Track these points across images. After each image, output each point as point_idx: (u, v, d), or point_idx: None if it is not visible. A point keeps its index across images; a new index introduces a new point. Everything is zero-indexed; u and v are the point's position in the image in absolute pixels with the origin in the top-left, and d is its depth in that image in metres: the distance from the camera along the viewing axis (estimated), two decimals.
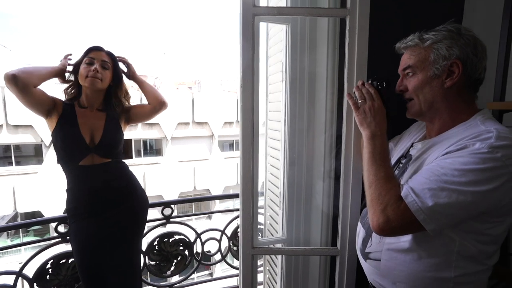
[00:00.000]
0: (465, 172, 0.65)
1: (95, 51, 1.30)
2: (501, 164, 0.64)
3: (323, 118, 1.30)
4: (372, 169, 0.78)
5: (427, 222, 0.66)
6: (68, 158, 1.27)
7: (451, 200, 0.64)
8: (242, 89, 1.15)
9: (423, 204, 0.66)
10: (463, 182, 0.64)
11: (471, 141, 0.68)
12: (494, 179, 0.64)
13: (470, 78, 0.76)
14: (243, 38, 1.12)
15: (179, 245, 1.74)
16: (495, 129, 0.68)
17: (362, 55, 1.05)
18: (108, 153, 1.32)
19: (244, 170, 1.20)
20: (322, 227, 1.37)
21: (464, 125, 0.76)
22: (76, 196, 1.30)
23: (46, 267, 1.45)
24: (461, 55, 0.75)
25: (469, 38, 0.75)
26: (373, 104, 0.84)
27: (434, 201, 0.65)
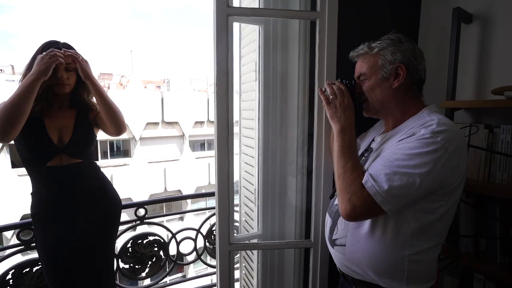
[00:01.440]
0: (413, 156, 0.74)
1: None
2: (440, 146, 0.73)
3: (295, 116, 1.36)
4: (341, 161, 0.85)
5: (384, 204, 0.74)
6: (35, 159, 1.20)
7: (403, 183, 0.73)
8: (217, 89, 1.17)
9: (380, 188, 0.74)
10: (411, 165, 0.73)
11: (418, 128, 0.78)
12: (436, 161, 0.73)
13: (413, 79, 0.88)
14: (217, 38, 1.13)
15: (153, 246, 1.72)
16: (437, 118, 0.79)
17: (331, 56, 1.12)
18: (79, 153, 1.27)
19: (220, 168, 1.22)
20: (296, 221, 1.42)
21: (413, 118, 0.87)
22: (44, 199, 1.23)
23: (7, 278, 1.36)
24: (403, 59, 0.86)
25: (408, 44, 0.87)
26: (343, 100, 0.91)
27: (388, 184, 0.73)
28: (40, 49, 1.18)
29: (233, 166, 1.31)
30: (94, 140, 1.36)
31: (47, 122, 1.21)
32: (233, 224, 1.37)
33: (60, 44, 1.22)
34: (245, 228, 1.69)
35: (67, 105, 1.29)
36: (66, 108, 1.28)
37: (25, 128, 1.14)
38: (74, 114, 1.29)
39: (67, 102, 1.29)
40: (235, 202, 1.80)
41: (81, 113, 1.31)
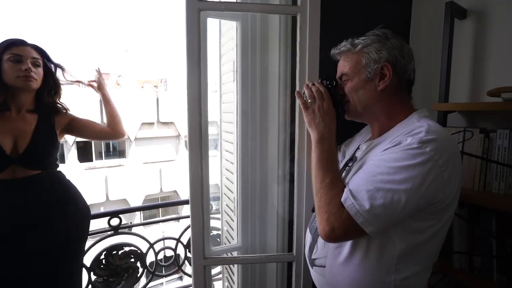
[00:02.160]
0: (398, 169, 0.64)
1: (20, 47, 1.09)
2: (430, 157, 0.63)
3: (276, 119, 1.26)
4: (319, 175, 0.75)
5: (366, 225, 0.64)
6: None
7: (387, 201, 0.63)
8: (188, 90, 1.07)
9: (360, 207, 0.64)
10: (396, 180, 0.64)
11: (405, 137, 0.68)
12: (424, 175, 0.63)
13: (401, 79, 0.78)
14: (188, 35, 1.04)
15: (129, 257, 1.61)
16: (426, 124, 0.69)
17: (314, 53, 1.03)
18: (36, 163, 1.13)
19: (193, 176, 1.12)
20: (278, 233, 1.32)
21: (401, 124, 0.77)
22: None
23: None
24: (389, 57, 0.76)
25: (395, 41, 0.78)
26: (322, 104, 0.81)
27: (370, 202, 0.64)
28: (3, 42, 1.08)
29: (208, 173, 1.21)
30: (56, 148, 1.23)
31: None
32: (208, 237, 1.27)
33: (26, 41, 1.12)
34: (227, 238, 1.59)
35: (29, 108, 1.16)
36: (26, 112, 1.16)
37: None
38: (36, 118, 1.16)
39: (29, 104, 1.16)
40: (218, 209, 1.72)
41: (44, 118, 1.18)
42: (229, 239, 1.53)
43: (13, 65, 1.07)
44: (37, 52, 1.15)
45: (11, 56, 1.07)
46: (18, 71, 1.07)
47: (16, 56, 1.08)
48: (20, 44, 1.10)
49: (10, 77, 1.07)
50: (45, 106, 1.18)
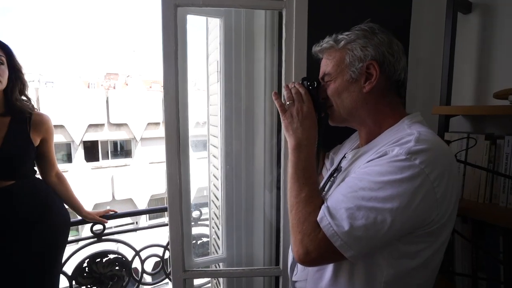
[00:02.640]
0: (382, 184, 0.55)
1: None
2: (419, 171, 0.54)
3: (262, 122, 1.17)
4: (294, 188, 0.66)
5: (344, 249, 0.55)
6: None
7: (369, 221, 0.54)
8: (165, 93, 1.00)
9: (338, 228, 0.55)
10: (380, 198, 0.54)
11: (391, 146, 0.59)
12: (413, 192, 0.54)
13: (389, 80, 0.68)
14: (164, 33, 0.97)
15: (114, 265, 1.55)
16: (417, 132, 0.59)
17: (301, 52, 0.95)
18: (8, 174, 1.06)
19: (170, 184, 1.05)
20: (265, 244, 1.24)
21: (390, 130, 0.68)
22: None
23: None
24: (376, 55, 0.67)
25: (383, 36, 0.68)
26: (301, 107, 0.72)
27: (350, 223, 0.55)
28: None
29: (188, 179, 1.15)
30: (32, 153, 1.15)
31: None
32: (190, 247, 1.20)
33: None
34: (215, 248, 1.51)
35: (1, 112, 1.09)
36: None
37: None
38: (7, 123, 1.09)
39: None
40: (207, 216, 1.65)
41: (17, 121, 1.11)
42: (217, 249, 1.45)
43: None
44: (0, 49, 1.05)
45: None
46: None
47: None
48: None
49: None
50: (16, 107, 1.10)
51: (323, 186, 0.80)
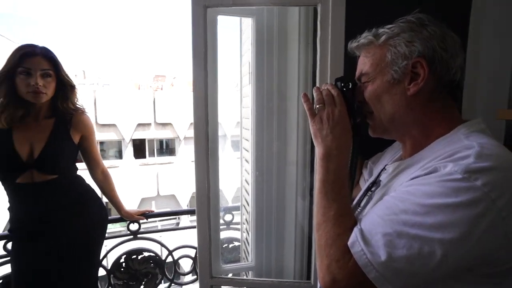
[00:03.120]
0: (431, 208, 0.45)
1: (29, 58, 1.07)
2: (481, 195, 0.43)
3: (295, 127, 1.10)
4: (321, 204, 0.58)
5: (380, 283, 0.46)
6: (3, 175, 1.12)
7: (412, 253, 0.45)
8: (194, 95, 0.98)
9: (373, 257, 0.46)
10: (427, 225, 0.45)
11: (443, 162, 0.49)
12: (473, 221, 0.43)
13: (441, 80, 0.57)
14: (194, 34, 0.95)
15: (149, 262, 1.59)
16: (478, 144, 0.48)
17: (337, 50, 0.87)
18: (51, 169, 1.15)
19: (199, 187, 1.03)
20: (296, 255, 1.17)
21: (442, 141, 0.56)
22: (17, 217, 1.16)
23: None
24: (425, 51, 0.56)
25: (435, 29, 0.57)
26: (333, 111, 0.63)
27: (388, 252, 0.45)
28: (13, 51, 1.09)
29: (217, 183, 1.12)
30: (73, 152, 1.24)
31: (16, 135, 1.11)
32: (218, 253, 1.17)
33: (36, 48, 1.12)
34: (245, 254, 1.47)
35: (46, 114, 1.18)
36: (44, 118, 1.17)
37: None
38: (52, 124, 1.18)
39: (45, 111, 1.18)
40: (237, 220, 1.62)
41: (61, 123, 1.19)
42: (247, 255, 1.41)
43: (23, 78, 1.07)
44: (47, 61, 1.12)
45: (21, 70, 1.07)
46: (27, 86, 1.08)
47: (25, 69, 1.07)
48: (31, 55, 1.09)
49: (21, 91, 1.09)
50: (60, 111, 1.19)
51: (358, 201, 0.71)
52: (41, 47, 1.14)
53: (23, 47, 1.10)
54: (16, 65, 1.06)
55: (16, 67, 1.06)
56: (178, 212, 1.73)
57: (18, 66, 1.06)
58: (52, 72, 1.13)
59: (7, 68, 1.06)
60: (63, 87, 1.18)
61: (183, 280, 1.70)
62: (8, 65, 1.06)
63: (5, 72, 1.07)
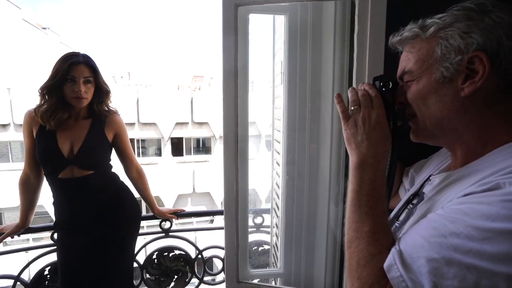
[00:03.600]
0: (492, 234, 0.37)
1: (75, 66, 1.17)
2: None
3: (329, 128, 1.04)
4: (354, 219, 0.51)
5: None
6: (47, 171, 1.22)
7: (465, 285, 0.37)
8: (224, 95, 0.97)
9: (415, 286, 0.39)
10: (488, 255, 0.37)
11: (508, 177, 0.41)
12: None
13: (507, 79, 0.47)
14: (224, 34, 0.93)
15: (179, 260, 1.62)
16: None
17: (377, 47, 0.81)
18: (88, 164, 1.23)
19: (227, 190, 1.02)
20: (327, 265, 1.11)
21: (505, 151, 0.47)
22: (61, 210, 1.25)
23: (44, 273, 1.45)
24: (486, 43, 0.46)
25: (501, 15, 0.46)
26: (369, 113, 0.55)
27: (434, 282, 0.38)
28: (61, 60, 1.18)
29: (246, 187, 1.09)
30: (108, 149, 1.31)
31: (59, 134, 1.20)
32: (245, 257, 1.14)
33: (80, 57, 1.20)
34: (274, 259, 1.43)
35: (84, 115, 1.27)
36: (82, 119, 1.26)
37: (39, 141, 1.19)
38: (89, 124, 1.26)
39: (84, 112, 1.27)
40: (267, 223, 1.58)
41: (96, 123, 1.28)
42: (276, 260, 1.37)
43: (70, 85, 1.17)
44: (89, 68, 1.21)
45: (68, 78, 1.17)
46: (72, 92, 1.17)
47: (71, 77, 1.17)
48: (76, 63, 1.18)
49: (67, 96, 1.19)
50: (96, 113, 1.28)
51: (396, 214, 0.64)
52: (83, 55, 1.22)
53: (70, 57, 1.18)
54: (66, 73, 1.15)
55: (66, 75, 1.16)
56: (209, 212, 1.74)
57: (67, 74, 1.16)
58: (92, 78, 1.22)
59: (58, 77, 1.16)
60: (100, 91, 1.26)
61: (213, 279, 1.70)
62: (58, 74, 1.16)
63: (57, 81, 1.16)
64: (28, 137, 1.22)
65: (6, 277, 1.40)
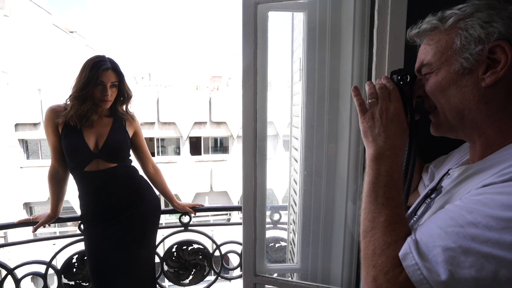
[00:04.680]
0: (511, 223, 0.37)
1: (104, 72, 1.25)
2: None
3: (348, 124, 1.04)
4: (370, 209, 0.52)
5: None
6: (74, 164, 1.29)
7: (484, 275, 0.37)
8: (243, 92, 0.99)
9: (430, 274, 0.40)
10: (507, 244, 0.37)
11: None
12: None
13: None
14: (244, 32, 0.96)
15: (198, 254, 1.66)
16: None
17: (397, 42, 0.80)
18: (113, 157, 1.31)
19: (246, 185, 1.04)
20: (344, 262, 1.10)
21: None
22: (85, 203, 1.33)
23: (72, 261, 1.53)
24: (508, 32, 0.46)
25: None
26: (386, 106, 0.56)
27: (450, 271, 0.39)
28: (89, 63, 1.25)
29: (264, 182, 1.11)
30: (127, 144, 1.38)
31: (85, 130, 1.28)
32: (263, 251, 1.17)
33: (108, 63, 1.27)
34: (291, 255, 1.44)
35: (106, 114, 1.36)
36: (104, 117, 1.35)
37: (66, 136, 1.27)
38: (111, 122, 1.35)
39: (106, 111, 1.35)
40: (285, 220, 1.59)
41: (117, 121, 1.37)
42: (292, 256, 1.38)
43: (99, 89, 1.26)
44: (115, 74, 1.29)
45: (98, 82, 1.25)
46: (100, 95, 1.26)
47: (101, 82, 1.26)
48: (106, 69, 1.26)
49: (95, 97, 1.27)
50: (117, 113, 1.37)
51: (414, 209, 0.64)
52: (110, 60, 1.30)
53: (99, 63, 1.25)
54: (97, 78, 1.23)
55: (97, 81, 1.24)
56: (227, 208, 1.78)
57: (97, 78, 1.24)
58: (117, 83, 1.30)
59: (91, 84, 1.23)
60: (122, 95, 1.35)
61: (229, 274, 1.73)
62: (91, 81, 1.23)
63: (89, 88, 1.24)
64: (54, 133, 1.30)
65: (40, 263, 1.49)
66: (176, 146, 11.45)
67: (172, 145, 11.50)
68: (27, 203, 9.64)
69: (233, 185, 11.34)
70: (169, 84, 19.13)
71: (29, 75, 10.33)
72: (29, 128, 9.41)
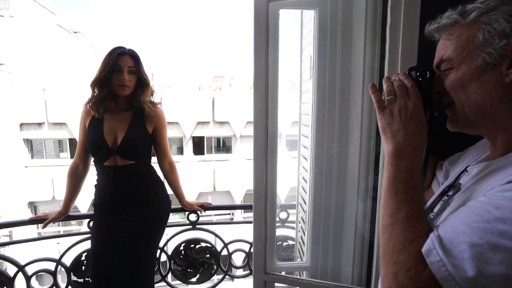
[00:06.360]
0: None
1: (121, 57, 1.26)
2: None
3: (359, 123, 1.04)
4: (390, 205, 0.51)
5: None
6: (96, 158, 1.33)
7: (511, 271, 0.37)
8: (254, 91, 0.99)
9: (457, 271, 0.39)
10: None
11: None
12: None
13: None
14: (255, 31, 0.96)
15: (205, 252, 1.67)
16: None
17: (410, 40, 0.80)
18: (130, 155, 1.31)
19: (257, 183, 1.04)
20: (355, 259, 1.11)
21: None
22: (101, 193, 1.35)
23: (81, 259, 1.54)
24: None
25: None
26: (406, 103, 0.55)
27: (477, 267, 0.38)
28: (109, 53, 1.27)
29: (274, 180, 1.11)
30: (148, 141, 1.38)
31: (105, 124, 1.30)
32: (273, 250, 1.17)
33: (126, 49, 1.29)
34: (300, 254, 1.44)
35: (125, 107, 1.34)
36: (123, 110, 1.34)
37: (89, 131, 1.30)
38: (131, 116, 1.33)
39: (125, 104, 1.34)
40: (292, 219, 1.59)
41: (137, 116, 1.34)
42: (301, 255, 1.38)
43: (117, 74, 1.26)
44: (133, 59, 1.29)
45: (116, 67, 1.26)
46: (118, 80, 1.26)
47: (118, 66, 1.26)
48: (123, 54, 1.27)
49: (113, 83, 1.27)
50: (137, 105, 1.34)
51: (431, 206, 0.64)
52: (129, 48, 1.31)
53: (117, 48, 1.27)
54: (114, 63, 1.24)
55: (114, 65, 1.24)
56: (235, 206, 1.78)
57: (114, 63, 1.24)
58: (135, 69, 1.29)
59: (108, 68, 1.24)
60: (141, 84, 1.33)
61: (236, 273, 1.73)
62: (108, 65, 1.24)
63: (106, 72, 1.25)
64: (82, 130, 1.35)
65: (50, 260, 1.50)
66: (179, 146, 11.48)
67: (175, 145, 11.53)
68: (32, 202, 9.69)
69: (236, 184, 11.35)
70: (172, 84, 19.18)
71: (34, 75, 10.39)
72: (34, 128, 9.46)
